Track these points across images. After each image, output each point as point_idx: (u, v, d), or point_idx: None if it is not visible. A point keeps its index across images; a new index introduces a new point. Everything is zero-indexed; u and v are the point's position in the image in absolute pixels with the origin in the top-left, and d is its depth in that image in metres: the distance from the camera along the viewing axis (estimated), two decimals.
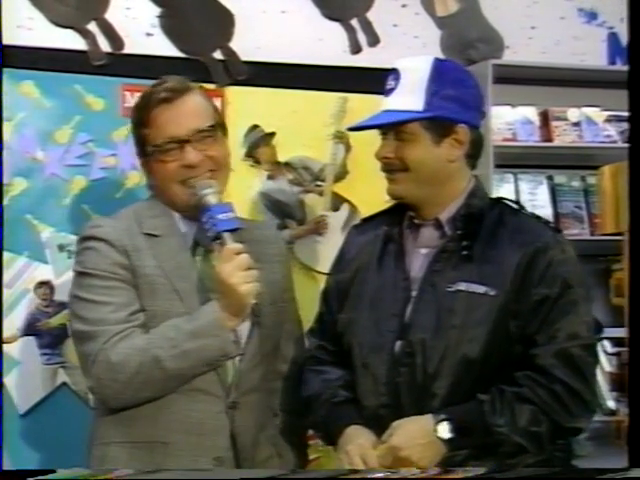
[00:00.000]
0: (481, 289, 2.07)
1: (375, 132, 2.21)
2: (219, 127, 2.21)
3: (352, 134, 3.39)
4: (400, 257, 2.17)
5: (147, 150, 2.18)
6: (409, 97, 2.11)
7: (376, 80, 2.32)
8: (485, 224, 2.13)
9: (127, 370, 2.03)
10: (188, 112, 2.16)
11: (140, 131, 2.20)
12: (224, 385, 2.13)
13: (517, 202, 2.25)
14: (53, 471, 2.09)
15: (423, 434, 2.03)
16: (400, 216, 2.21)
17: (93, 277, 2.10)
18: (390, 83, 2.16)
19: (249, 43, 3.42)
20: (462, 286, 2.08)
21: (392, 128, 2.13)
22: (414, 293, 2.12)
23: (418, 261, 2.15)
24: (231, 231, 2.06)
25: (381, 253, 2.20)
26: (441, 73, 2.12)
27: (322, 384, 2.22)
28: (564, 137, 3.78)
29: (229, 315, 2.06)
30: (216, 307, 2.06)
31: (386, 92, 2.16)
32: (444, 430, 2.02)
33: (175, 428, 2.10)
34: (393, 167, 2.15)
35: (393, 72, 2.15)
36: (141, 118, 2.19)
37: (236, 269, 2.03)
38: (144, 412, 2.09)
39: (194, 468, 2.09)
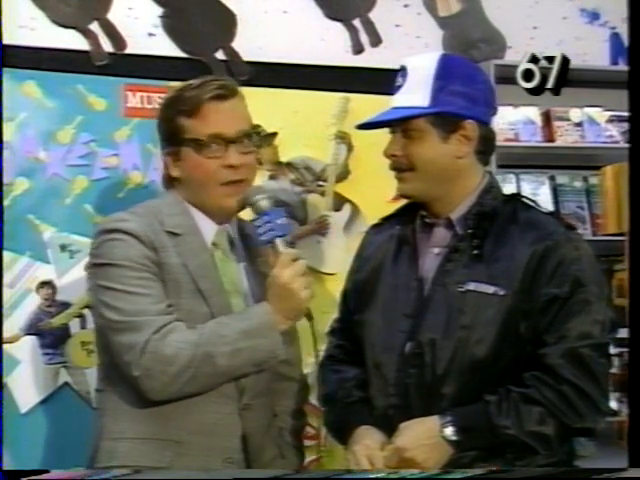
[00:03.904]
0: (490, 289, 2.05)
1: (377, 132, 2.20)
2: (255, 135, 2.22)
3: (354, 134, 3.40)
4: (413, 257, 2.16)
5: (183, 140, 2.13)
6: (416, 93, 2.09)
7: (378, 80, 2.32)
8: (497, 222, 2.11)
9: (178, 363, 2.01)
10: (237, 114, 2.16)
11: (179, 120, 2.13)
12: (238, 387, 2.13)
13: (532, 199, 2.22)
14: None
15: (429, 435, 2.02)
16: (413, 215, 2.19)
17: (124, 268, 2.06)
18: (398, 80, 2.14)
19: (251, 43, 3.42)
20: (472, 286, 2.06)
21: (399, 125, 2.12)
22: (425, 293, 2.11)
23: (430, 261, 2.14)
24: (283, 236, 2.09)
25: (396, 253, 2.19)
26: (448, 69, 2.10)
27: (338, 383, 2.22)
28: (566, 137, 3.79)
29: (282, 318, 2.07)
30: (268, 309, 2.06)
31: (394, 89, 2.15)
32: (450, 431, 2.01)
33: (188, 428, 2.09)
34: (401, 166, 2.13)
35: (401, 69, 2.14)
36: (186, 107, 2.12)
37: (296, 275, 2.05)
38: (158, 410, 2.08)
39: (204, 468, 2.08)
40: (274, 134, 3.40)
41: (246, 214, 2.24)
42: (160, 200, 2.22)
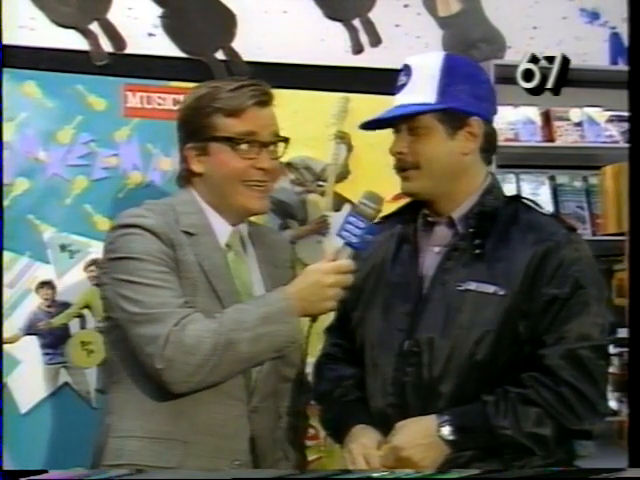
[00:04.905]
0: (490, 289, 2.05)
1: (377, 132, 2.20)
2: (284, 142, 2.23)
3: (354, 134, 3.40)
4: (414, 255, 2.16)
5: (214, 137, 2.13)
6: (421, 91, 2.09)
7: (378, 80, 2.32)
8: (498, 222, 2.11)
9: (201, 352, 1.99)
10: (272, 120, 2.19)
11: (215, 117, 2.13)
12: (248, 390, 2.13)
13: (533, 201, 2.22)
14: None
15: (425, 434, 2.02)
16: (415, 214, 2.19)
17: (144, 261, 2.06)
18: (401, 79, 2.14)
19: (251, 43, 3.42)
20: (472, 285, 2.06)
21: (405, 123, 2.11)
22: (425, 292, 2.11)
23: (431, 259, 2.13)
24: (360, 250, 2.07)
25: (396, 251, 2.19)
26: (453, 68, 2.10)
27: (335, 382, 2.22)
28: (566, 137, 3.79)
29: (299, 306, 2.04)
30: (286, 294, 2.04)
31: (397, 88, 2.14)
32: (447, 431, 2.00)
33: (196, 429, 2.08)
34: (406, 164, 2.12)
35: (405, 68, 2.14)
36: (226, 106, 2.13)
37: (339, 284, 2.04)
38: (167, 409, 2.08)
39: (212, 470, 2.08)
40: None
41: (258, 218, 2.25)
42: (173, 198, 2.21)
